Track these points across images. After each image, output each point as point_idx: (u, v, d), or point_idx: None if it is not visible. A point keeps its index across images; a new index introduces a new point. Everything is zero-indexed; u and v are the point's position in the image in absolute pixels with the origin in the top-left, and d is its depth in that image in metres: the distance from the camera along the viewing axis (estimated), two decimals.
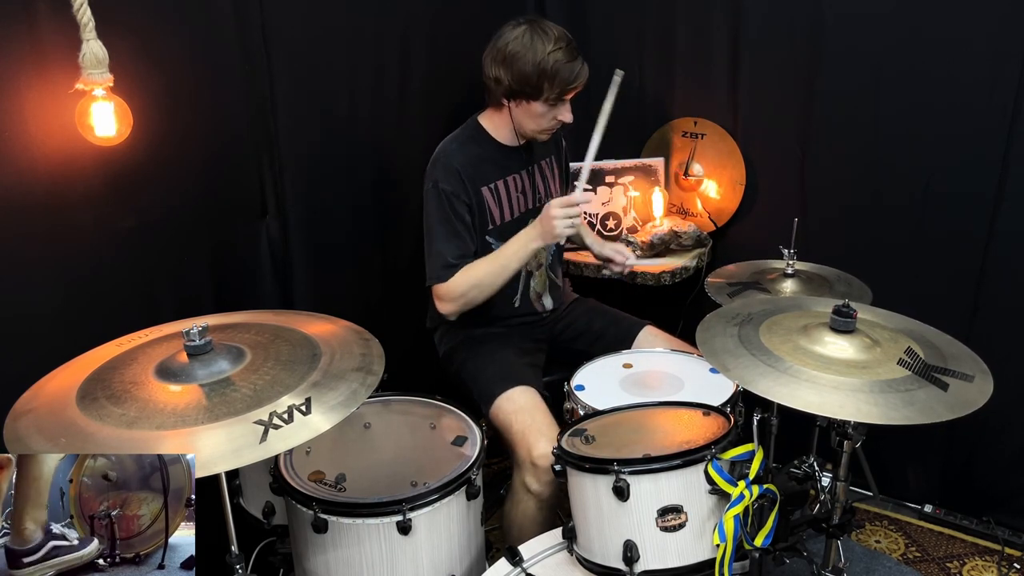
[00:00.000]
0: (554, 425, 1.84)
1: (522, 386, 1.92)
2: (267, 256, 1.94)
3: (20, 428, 1.19)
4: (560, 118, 1.94)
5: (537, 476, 1.79)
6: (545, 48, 1.84)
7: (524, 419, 1.85)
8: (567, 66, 1.86)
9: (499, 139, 2.02)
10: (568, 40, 1.89)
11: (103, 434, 1.17)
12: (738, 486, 1.38)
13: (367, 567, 1.49)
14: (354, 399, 1.27)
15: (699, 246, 2.54)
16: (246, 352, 1.36)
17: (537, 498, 1.82)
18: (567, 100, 1.93)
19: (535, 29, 1.87)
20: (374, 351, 1.42)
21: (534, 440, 1.80)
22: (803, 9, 2.27)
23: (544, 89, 1.87)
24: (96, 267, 1.58)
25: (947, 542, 2.35)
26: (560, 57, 1.85)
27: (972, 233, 2.18)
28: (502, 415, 1.88)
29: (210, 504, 1.27)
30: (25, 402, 1.27)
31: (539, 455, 1.77)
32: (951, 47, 2.10)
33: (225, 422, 1.18)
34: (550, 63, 1.84)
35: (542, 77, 1.85)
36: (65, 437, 1.16)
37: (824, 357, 1.44)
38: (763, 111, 2.45)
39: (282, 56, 1.85)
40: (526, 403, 1.89)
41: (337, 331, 1.49)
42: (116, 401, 1.24)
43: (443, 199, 1.90)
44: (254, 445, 1.15)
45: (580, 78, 1.89)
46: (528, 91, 1.88)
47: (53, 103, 1.43)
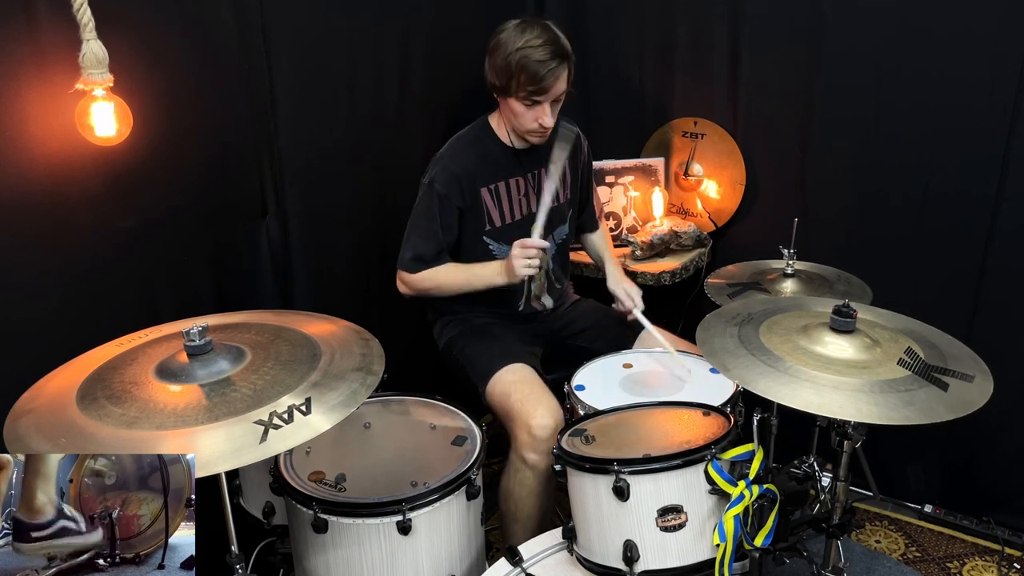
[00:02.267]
0: (552, 397, 1.85)
1: (520, 363, 1.94)
2: (267, 256, 1.94)
3: (20, 428, 1.19)
4: (539, 121, 1.89)
5: (535, 447, 1.79)
6: (517, 43, 1.81)
7: (523, 390, 1.86)
8: (535, 64, 1.80)
9: (503, 139, 2.02)
10: (550, 40, 1.82)
11: (103, 434, 1.17)
12: (738, 486, 1.38)
13: (367, 567, 1.49)
14: (354, 399, 1.27)
15: (699, 246, 2.54)
16: (246, 352, 1.36)
17: (535, 470, 1.81)
18: (543, 102, 1.87)
19: (524, 25, 1.85)
20: (374, 351, 1.42)
21: (532, 409, 1.80)
22: (803, 9, 2.27)
23: (512, 86, 1.84)
24: (96, 267, 1.58)
25: (947, 542, 2.35)
26: (530, 54, 1.80)
27: (972, 233, 2.18)
28: (500, 387, 1.89)
29: (210, 504, 1.27)
30: (25, 402, 1.27)
31: (538, 425, 1.77)
32: (951, 47, 2.10)
33: (225, 422, 1.18)
34: (516, 58, 1.81)
35: (510, 72, 1.83)
36: (65, 437, 1.16)
37: (824, 357, 1.44)
38: (763, 111, 2.45)
39: (282, 56, 1.85)
40: (524, 376, 1.90)
41: (337, 331, 1.49)
42: (116, 401, 1.24)
43: (434, 199, 1.92)
44: (254, 445, 1.15)
45: (550, 79, 1.82)
46: (499, 86, 1.88)
47: (53, 103, 1.43)
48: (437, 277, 1.97)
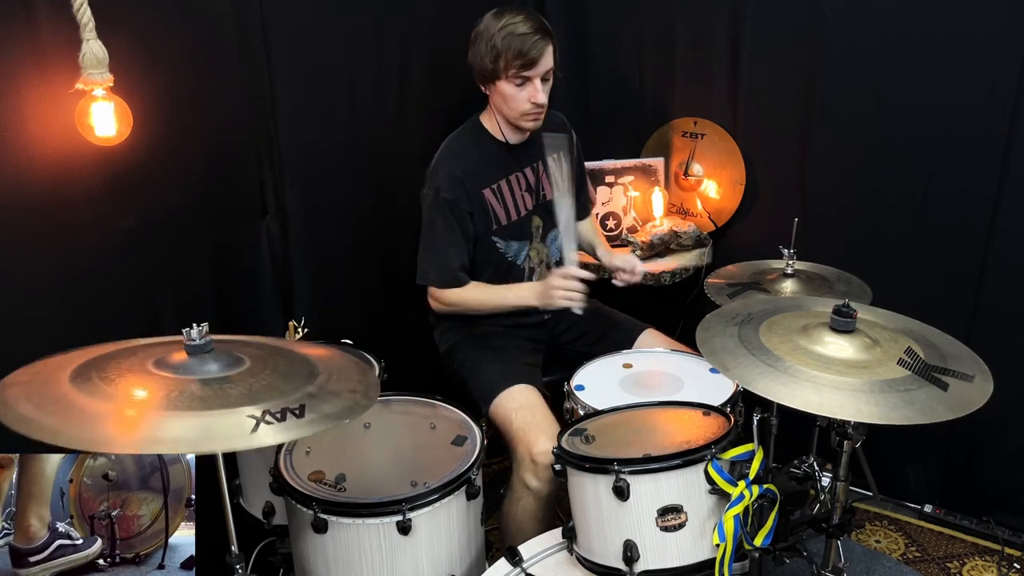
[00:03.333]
0: (554, 423, 1.84)
1: (522, 384, 1.92)
2: (267, 256, 1.94)
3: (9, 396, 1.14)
4: (532, 100, 1.90)
5: (537, 473, 1.79)
6: (499, 25, 1.85)
7: (524, 416, 1.85)
8: (519, 38, 1.83)
9: (498, 136, 2.01)
10: (531, 18, 1.87)
11: (92, 407, 1.12)
12: (738, 486, 1.38)
13: (367, 567, 1.48)
14: (349, 412, 1.24)
15: (699, 246, 2.54)
16: (245, 359, 1.35)
17: (536, 495, 1.81)
18: (533, 79, 1.89)
19: (501, 11, 1.88)
20: (370, 379, 1.39)
21: (534, 437, 1.80)
22: (803, 9, 2.27)
23: (500, 66, 1.86)
24: (96, 267, 1.58)
25: (947, 542, 2.35)
26: (514, 30, 1.83)
27: (972, 233, 2.18)
28: (502, 412, 1.89)
29: (210, 504, 1.27)
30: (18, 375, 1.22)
31: (539, 452, 1.77)
32: (951, 47, 2.10)
33: (218, 411, 1.16)
34: (501, 37, 1.84)
35: (496, 53, 1.85)
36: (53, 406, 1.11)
37: (824, 357, 1.43)
38: (763, 111, 2.44)
39: (282, 56, 1.86)
40: (526, 401, 1.89)
41: (334, 356, 1.47)
42: (109, 381, 1.19)
43: (445, 207, 1.91)
44: (244, 434, 1.12)
45: (534, 51, 1.84)
46: (488, 72, 1.89)
47: (53, 103, 1.43)
48: (470, 295, 1.97)
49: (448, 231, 1.93)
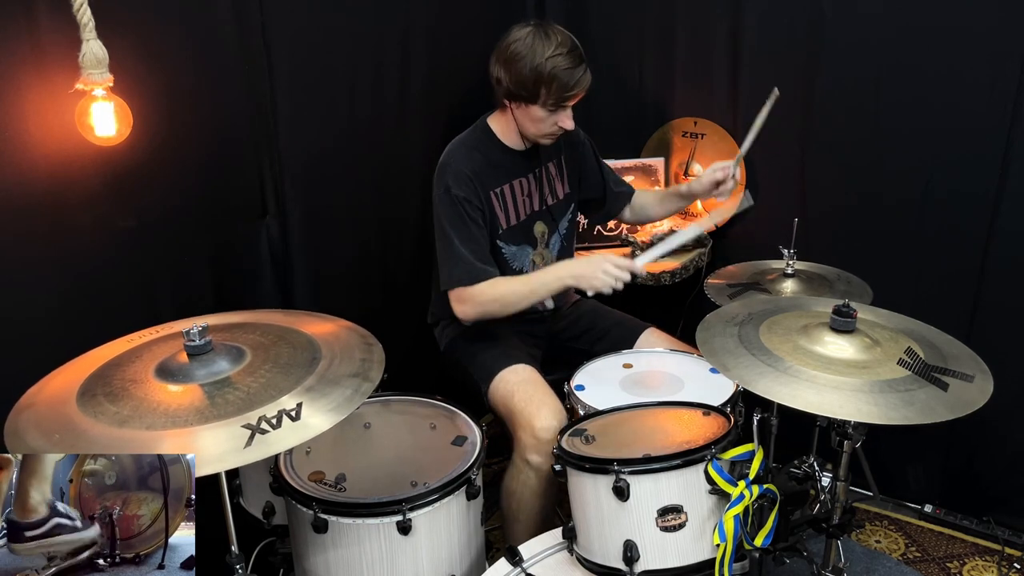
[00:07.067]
0: (555, 398, 1.85)
1: (523, 363, 1.94)
2: (267, 256, 1.94)
3: (20, 423, 1.20)
4: (560, 124, 1.90)
5: (538, 448, 1.79)
6: (544, 52, 1.81)
7: (526, 390, 1.86)
8: (565, 72, 1.81)
9: (506, 142, 2.01)
10: (572, 46, 1.84)
11: (95, 432, 1.17)
12: (738, 486, 1.38)
13: (367, 567, 1.49)
14: (347, 405, 1.26)
15: (699, 246, 2.54)
16: (246, 352, 1.36)
17: (538, 471, 1.81)
18: (568, 107, 1.89)
19: (539, 32, 1.84)
20: (375, 356, 1.42)
21: (536, 410, 1.80)
22: (803, 9, 2.27)
23: (541, 94, 1.84)
24: (96, 267, 1.58)
25: (947, 542, 2.35)
26: (560, 63, 1.81)
27: (972, 233, 2.18)
28: (503, 389, 1.89)
29: (210, 504, 1.27)
30: (29, 397, 1.28)
31: (541, 427, 1.78)
32: (951, 47, 2.10)
33: (213, 425, 1.18)
34: (548, 68, 1.81)
35: (539, 82, 1.82)
36: (60, 434, 1.16)
37: (824, 357, 1.44)
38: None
39: (282, 56, 1.85)
40: (527, 377, 1.90)
41: (341, 333, 1.49)
42: (113, 399, 1.24)
43: (457, 204, 1.89)
44: (238, 450, 1.15)
45: (580, 86, 1.85)
46: (525, 95, 1.86)
47: (53, 103, 1.43)
48: (500, 287, 1.90)
49: (465, 228, 1.90)
